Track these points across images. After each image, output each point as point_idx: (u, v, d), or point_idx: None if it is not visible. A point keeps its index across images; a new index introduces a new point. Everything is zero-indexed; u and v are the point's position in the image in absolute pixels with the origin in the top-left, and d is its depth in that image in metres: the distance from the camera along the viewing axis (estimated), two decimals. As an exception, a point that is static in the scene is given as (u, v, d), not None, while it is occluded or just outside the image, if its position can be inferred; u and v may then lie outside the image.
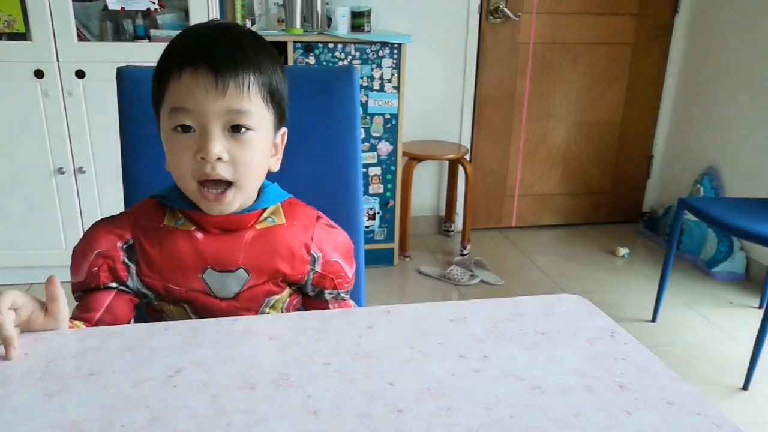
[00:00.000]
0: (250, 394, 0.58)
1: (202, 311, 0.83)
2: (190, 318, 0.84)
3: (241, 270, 0.82)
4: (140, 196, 1.06)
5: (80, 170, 2.34)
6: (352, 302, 0.96)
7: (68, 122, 2.29)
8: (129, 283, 0.81)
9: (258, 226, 0.84)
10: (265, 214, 0.85)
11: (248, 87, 0.75)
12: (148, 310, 0.87)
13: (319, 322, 0.72)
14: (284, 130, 0.86)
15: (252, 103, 0.76)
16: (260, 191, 0.85)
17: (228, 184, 0.77)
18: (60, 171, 2.33)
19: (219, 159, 0.75)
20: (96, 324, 0.79)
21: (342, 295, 0.91)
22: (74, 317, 0.79)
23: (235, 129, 0.76)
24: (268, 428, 0.54)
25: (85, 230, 0.83)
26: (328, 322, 0.72)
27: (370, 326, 0.71)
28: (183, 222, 0.82)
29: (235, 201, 0.79)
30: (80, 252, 0.81)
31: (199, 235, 0.81)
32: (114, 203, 2.24)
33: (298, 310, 0.95)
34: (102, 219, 0.84)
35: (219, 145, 0.75)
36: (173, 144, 0.77)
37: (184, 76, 0.74)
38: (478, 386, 0.60)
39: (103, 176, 2.36)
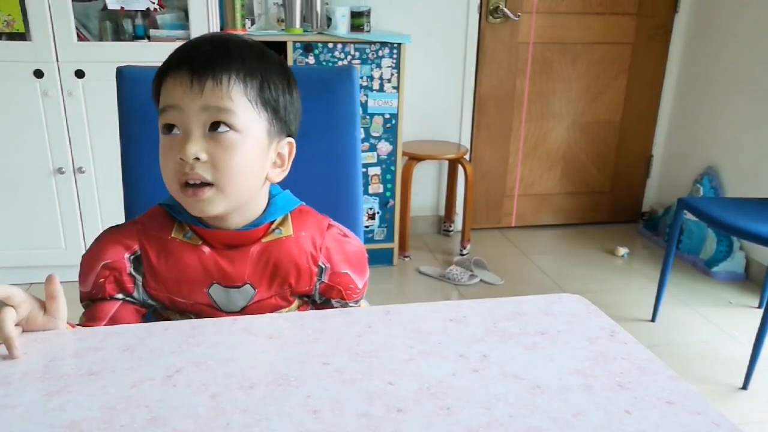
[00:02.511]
0: (250, 394, 0.58)
1: None
2: None
3: (248, 285, 0.82)
4: (140, 196, 1.07)
5: (80, 170, 2.34)
6: (366, 304, 0.95)
7: (68, 122, 2.29)
8: (135, 294, 0.81)
9: (264, 240, 0.82)
10: (272, 227, 0.83)
11: (228, 86, 0.74)
12: (154, 315, 0.87)
13: (319, 322, 0.72)
14: (289, 140, 0.83)
15: (234, 102, 0.74)
16: (269, 202, 0.84)
17: (209, 185, 0.75)
18: (60, 171, 2.32)
19: (197, 159, 0.74)
20: None
21: (351, 304, 0.89)
22: (80, 324, 0.79)
23: (215, 127, 0.74)
24: (267, 428, 0.54)
25: (94, 239, 0.82)
26: (327, 322, 0.72)
27: (369, 326, 0.71)
28: (190, 236, 0.81)
29: (216, 201, 0.76)
30: (88, 262, 0.80)
31: (206, 249, 0.81)
32: (114, 203, 2.25)
33: None
34: (110, 228, 0.83)
35: (197, 145, 0.73)
36: (161, 147, 0.77)
37: (168, 78, 0.76)
38: (478, 386, 0.60)
39: (103, 176, 2.36)
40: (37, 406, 0.56)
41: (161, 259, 0.80)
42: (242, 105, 0.75)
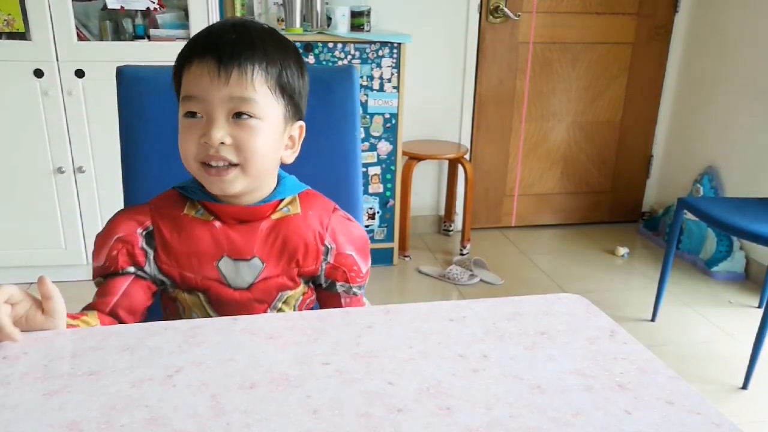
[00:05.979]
0: (250, 394, 0.58)
1: (216, 301, 0.85)
2: (204, 307, 0.86)
3: (256, 259, 0.84)
4: (140, 196, 1.06)
5: (80, 170, 2.34)
6: (366, 301, 0.96)
7: (68, 122, 2.29)
8: (146, 268, 0.83)
9: (273, 216, 0.86)
10: (281, 205, 0.87)
11: (252, 76, 0.77)
12: (163, 299, 0.89)
13: (319, 322, 0.72)
14: (301, 123, 0.88)
15: (257, 92, 0.78)
16: (278, 182, 0.88)
17: (233, 165, 0.79)
18: (60, 170, 2.32)
19: (222, 143, 0.77)
20: (112, 309, 0.81)
21: (354, 289, 0.91)
22: (92, 303, 0.82)
23: (239, 116, 0.78)
24: (267, 428, 0.53)
25: (108, 219, 0.86)
26: (327, 322, 0.72)
27: (369, 326, 0.71)
28: (202, 212, 0.84)
29: (238, 182, 0.80)
30: (101, 238, 0.84)
31: (218, 224, 0.84)
32: (114, 203, 2.24)
33: (312, 309, 0.95)
34: (123, 208, 0.87)
35: (221, 131, 0.77)
36: (182, 128, 0.80)
37: (193, 66, 0.78)
38: (478, 386, 0.60)
39: (103, 176, 2.36)
40: (37, 405, 0.56)
41: (174, 233, 0.83)
42: (263, 93, 0.79)
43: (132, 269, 0.82)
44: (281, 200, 0.87)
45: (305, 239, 0.86)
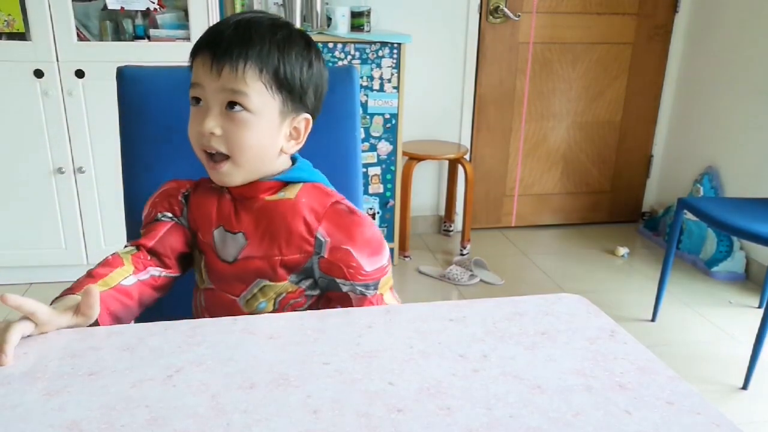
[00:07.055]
0: (250, 394, 0.58)
1: (208, 267, 0.92)
2: (201, 269, 0.93)
3: (241, 234, 0.88)
4: (140, 196, 1.06)
5: (80, 170, 2.34)
6: (393, 298, 0.91)
7: (68, 122, 2.29)
8: (182, 218, 0.92)
9: (268, 198, 0.88)
10: (281, 189, 0.88)
11: (243, 70, 0.80)
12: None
13: (319, 322, 0.72)
14: (306, 116, 0.89)
15: (248, 86, 0.81)
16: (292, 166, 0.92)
17: (225, 156, 0.84)
18: (60, 171, 2.32)
19: (213, 134, 0.82)
20: (158, 242, 0.88)
21: (359, 288, 0.87)
22: (136, 240, 0.89)
23: (231, 106, 0.82)
24: (267, 428, 0.53)
25: None
26: (327, 322, 0.72)
27: (369, 326, 0.71)
28: (225, 189, 0.91)
29: (233, 173, 0.85)
30: (151, 197, 0.95)
31: (228, 197, 0.90)
32: (114, 203, 2.25)
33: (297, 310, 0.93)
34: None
35: (212, 122, 0.82)
36: (190, 114, 0.86)
37: (196, 58, 0.84)
38: (478, 386, 0.60)
39: (103, 176, 2.36)
40: (37, 406, 0.56)
41: (196, 198, 0.92)
42: (256, 88, 0.82)
43: (170, 215, 0.91)
44: (286, 184, 0.88)
45: (289, 225, 0.85)
